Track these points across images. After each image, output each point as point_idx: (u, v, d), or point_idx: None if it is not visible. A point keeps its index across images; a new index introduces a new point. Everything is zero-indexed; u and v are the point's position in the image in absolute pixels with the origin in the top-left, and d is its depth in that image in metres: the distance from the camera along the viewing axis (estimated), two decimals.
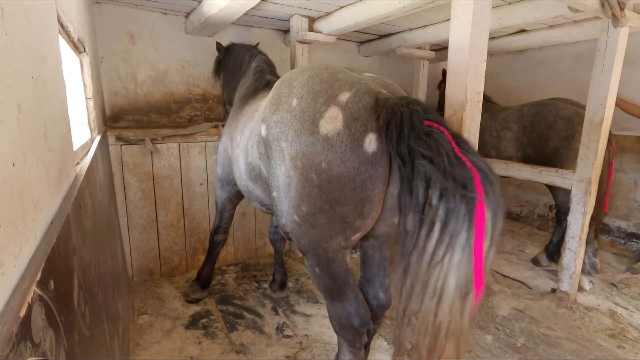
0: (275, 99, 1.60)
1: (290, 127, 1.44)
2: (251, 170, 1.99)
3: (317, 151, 1.36)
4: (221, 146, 2.67)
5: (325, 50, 4.47)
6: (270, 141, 1.56)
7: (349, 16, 3.04)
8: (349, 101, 1.38)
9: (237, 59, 2.96)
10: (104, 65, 3.28)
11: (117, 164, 2.99)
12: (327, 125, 1.36)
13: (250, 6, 2.65)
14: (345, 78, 1.49)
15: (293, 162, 1.43)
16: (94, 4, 3.14)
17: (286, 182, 1.51)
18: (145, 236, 3.21)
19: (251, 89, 2.59)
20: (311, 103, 1.42)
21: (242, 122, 2.18)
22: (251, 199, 2.26)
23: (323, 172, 1.37)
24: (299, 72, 1.63)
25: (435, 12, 3.23)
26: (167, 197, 3.25)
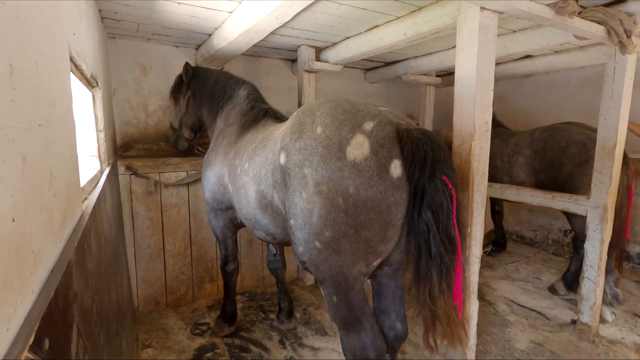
0: (297, 127, 1.64)
1: (315, 153, 1.49)
2: (262, 199, 1.97)
3: (344, 176, 1.43)
4: (211, 173, 2.61)
5: (332, 78, 4.54)
6: (290, 168, 1.59)
7: (355, 46, 3.10)
8: (374, 129, 1.49)
9: (217, 84, 2.87)
10: (117, 96, 3.37)
11: (126, 194, 3.01)
12: (354, 151, 1.45)
13: (258, 39, 2.71)
14: (366, 109, 1.59)
15: (317, 187, 1.48)
16: (109, 39, 3.27)
17: (307, 208, 1.53)
18: (151, 265, 3.19)
19: (249, 117, 2.58)
20: (337, 131, 1.50)
21: (249, 149, 2.18)
22: (256, 227, 2.23)
23: (350, 197, 1.43)
24: (320, 104, 1.70)
25: (440, 41, 3.28)
26: (174, 225, 3.24)
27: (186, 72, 2.96)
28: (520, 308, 3.45)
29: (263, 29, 2.41)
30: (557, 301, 3.56)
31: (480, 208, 1.92)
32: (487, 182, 1.95)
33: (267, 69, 4.15)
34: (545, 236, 4.93)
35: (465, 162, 1.88)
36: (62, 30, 1.15)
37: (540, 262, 4.57)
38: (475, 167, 1.86)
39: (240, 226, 2.73)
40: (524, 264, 4.53)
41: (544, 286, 3.86)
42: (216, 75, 2.93)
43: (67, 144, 1.09)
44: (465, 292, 1.94)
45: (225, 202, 2.55)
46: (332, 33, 3.06)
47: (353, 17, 2.65)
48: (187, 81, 2.98)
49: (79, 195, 1.22)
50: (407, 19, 2.49)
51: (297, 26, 2.87)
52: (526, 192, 3.21)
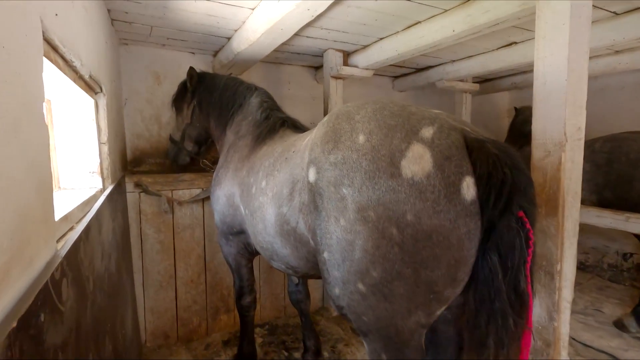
0: (331, 135, 1.32)
1: (358, 168, 1.19)
2: (283, 224, 1.62)
3: (399, 199, 1.12)
4: (221, 192, 2.26)
5: (358, 87, 4.20)
6: (322, 187, 1.28)
7: (390, 47, 2.75)
8: (435, 137, 1.16)
9: (226, 91, 2.54)
10: (128, 106, 3.10)
11: (134, 214, 2.69)
12: (412, 166, 1.12)
13: (283, 39, 2.40)
14: (419, 112, 1.27)
15: (362, 213, 1.17)
16: (121, 45, 3.02)
17: (347, 239, 1.21)
18: (161, 294, 2.84)
19: (264, 127, 2.23)
20: (386, 139, 1.19)
21: (266, 164, 1.84)
22: (274, 258, 1.87)
23: (408, 226, 1.11)
24: (359, 106, 1.38)
25: (484, 40, 2.90)
26: (187, 249, 2.90)
27: (190, 78, 2.62)
28: (586, 348, 2.93)
29: (291, 24, 2.08)
30: (628, 340, 3.02)
31: (572, 238, 1.50)
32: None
33: (288, 77, 3.85)
34: (599, 260, 4.38)
35: (552, 179, 1.47)
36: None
37: (596, 290, 4.02)
38: (566, 185, 1.45)
39: (257, 253, 2.35)
40: (576, 291, 3.98)
41: (607, 320, 3.33)
42: (225, 82, 2.60)
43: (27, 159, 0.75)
44: (554, 349, 1.50)
45: (236, 226, 2.20)
46: (364, 33, 2.73)
47: (392, 13, 2.31)
48: (192, 88, 2.64)
49: (49, 233, 0.87)
50: (458, 11, 2.13)
51: (326, 25, 2.54)
52: (591, 212, 2.74)
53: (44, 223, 0.83)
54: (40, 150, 0.85)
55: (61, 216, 1.08)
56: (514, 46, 2.96)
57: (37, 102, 0.84)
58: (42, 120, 0.88)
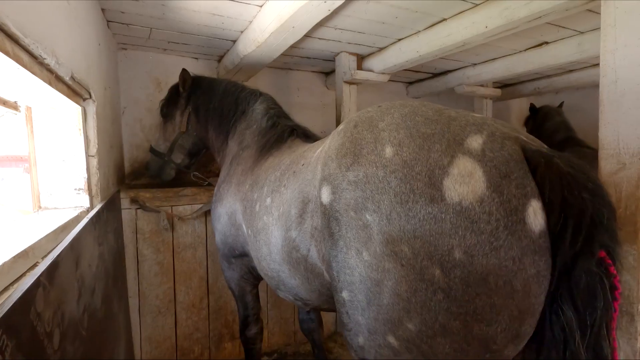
0: (349, 146, 1.09)
1: (386, 189, 0.96)
2: (292, 250, 1.38)
3: (444, 230, 0.87)
4: (222, 210, 2.02)
5: (370, 93, 3.96)
6: (339, 211, 1.05)
7: (410, 48, 2.51)
8: (486, 148, 0.91)
9: (226, 97, 2.29)
10: (127, 115, 2.89)
11: (130, 233, 2.45)
12: (459, 187, 0.88)
13: (294, 40, 2.17)
14: (461, 116, 1.02)
15: (392, 246, 0.93)
16: (119, 50, 2.82)
17: (373, 278, 0.98)
18: (160, 321, 2.57)
19: (270, 136, 1.99)
20: (421, 152, 0.95)
21: (272, 178, 1.60)
22: (280, 288, 1.62)
23: (456, 267, 0.86)
24: (382, 111, 1.13)
25: (511, 41, 2.65)
26: (188, 270, 2.64)
27: (183, 83, 2.36)
28: None
29: (303, 22, 1.86)
30: None
31: None
32: None
33: (298, 84, 3.63)
34: None
35: (628, 197, 1.20)
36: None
37: None
38: None
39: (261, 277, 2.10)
40: None
41: None
42: (225, 86, 2.35)
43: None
44: None
45: (239, 248, 1.96)
46: (381, 34, 2.50)
47: (415, 9, 2.07)
48: (185, 93, 2.38)
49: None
50: (492, 4, 1.89)
51: (341, 24, 2.31)
52: None
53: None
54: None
55: (17, 253, 0.83)
56: (545, 46, 2.71)
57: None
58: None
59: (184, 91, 2.38)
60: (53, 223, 1.25)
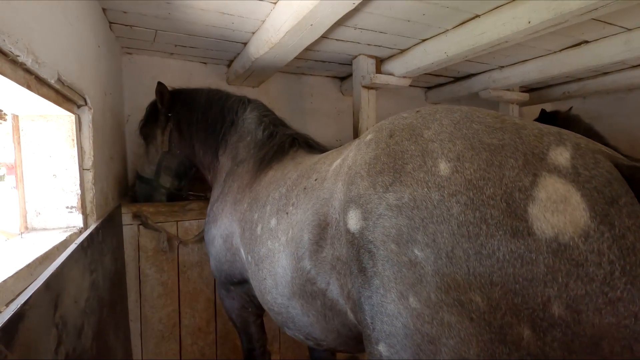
0: (386, 162, 0.89)
1: (445, 217, 0.74)
2: (306, 283, 1.16)
3: (536, 276, 0.65)
4: (216, 232, 1.79)
5: (386, 99, 3.75)
6: (373, 242, 0.84)
7: (437, 49, 2.29)
8: (578, 165, 0.70)
9: (211, 107, 2.06)
10: (131, 124, 2.72)
11: (132, 250, 2.25)
12: (552, 216, 0.66)
13: (309, 41, 1.98)
14: (528, 124, 0.80)
15: (455, 294, 0.71)
16: (123, 55, 2.67)
17: (424, 333, 0.75)
18: (163, 347, 2.36)
19: (269, 148, 1.77)
20: (490, 169, 0.73)
21: (276, 195, 1.38)
22: (289, 326, 1.37)
23: (555, 326, 0.64)
24: (424, 116, 0.92)
25: (548, 40, 2.42)
26: (194, 291, 2.43)
27: (161, 97, 2.13)
28: None
29: (324, 18, 1.66)
30: None
31: None
32: None
33: (311, 89, 3.44)
34: None
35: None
36: None
37: None
38: None
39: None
40: None
41: None
42: (207, 96, 2.12)
43: None
44: None
45: (236, 275, 1.74)
46: (404, 33, 2.29)
47: (445, 4, 1.86)
48: (164, 109, 2.16)
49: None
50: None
51: (362, 23, 2.11)
52: None
53: None
54: None
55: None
56: (584, 46, 2.46)
57: None
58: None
59: (163, 107, 2.16)
60: (33, 251, 1.06)
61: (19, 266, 0.89)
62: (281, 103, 3.27)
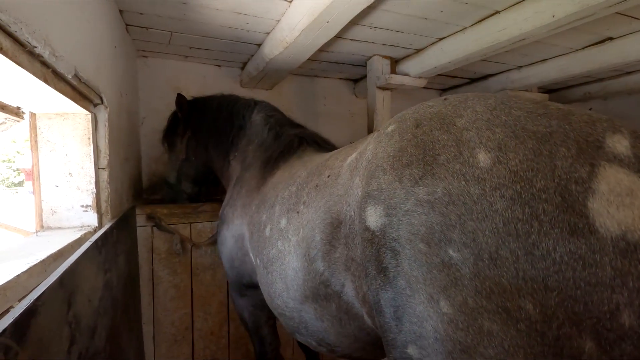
0: (414, 152, 0.82)
1: (487, 214, 0.67)
2: (319, 286, 1.11)
3: (601, 280, 0.58)
4: (228, 233, 1.78)
5: (401, 101, 3.70)
6: (397, 241, 0.78)
7: (455, 48, 2.24)
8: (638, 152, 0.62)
9: (220, 112, 2.11)
10: (145, 126, 2.73)
11: (145, 252, 2.24)
12: (617, 211, 0.59)
13: (325, 39, 1.96)
14: (573, 109, 0.73)
15: (499, 300, 0.64)
16: (139, 58, 2.69)
17: (457, 341, 0.68)
18: (175, 350, 2.33)
19: (275, 149, 1.75)
20: (539, 159, 0.66)
21: (285, 194, 1.34)
22: (300, 331, 1.31)
23: (625, 339, 0.57)
24: (454, 104, 0.85)
25: (569, 38, 2.35)
26: (207, 294, 2.40)
27: (181, 107, 2.21)
28: None
29: (340, 14, 1.63)
30: None
31: None
32: None
33: (324, 92, 3.41)
34: None
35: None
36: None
37: None
38: None
39: None
40: None
41: None
42: (218, 101, 2.18)
43: None
44: None
45: (246, 277, 1.71)
46: (421, 32, 2.25)
47: (464, 0, 1.81)
48: (183, 118, 2.22)
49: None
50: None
51: (378, 22, 2.08)
52: None
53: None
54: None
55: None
56: (609, 43, 2.38)
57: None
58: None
59: (182, 115, 2.22)
60: (47, 249, 1.04)
61: (33, 262, 0.86)
62: (294, 105, 3.25)
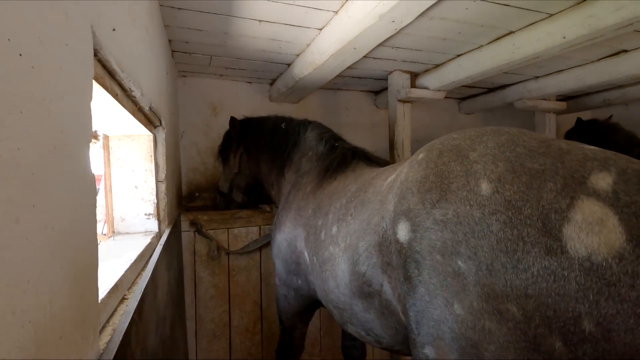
0: (434, 181, 0.97)
1: (485, 233, 0.82)
2: (363, 285, 1.28)
3: (567, 292, 0.71)
4: (281, 237, 1.96)
5: (420, 110, 3.85)
6: (420, 253, 0.95)
7: (472, 64, 2.39)
8: (620, 190, 0.73)
9: (276, 132, 2.34)
10: (184, 139, 2.99)
11: (188, 255, 2.48)
12: (586, 237, 0.71)
13: (352, 62, 2.15)
14: (574, 148, 0.85)
15: (494, 303, 0.80)
16: (179, 78, 2.96)
17: (468, 337, 0.84)
18: (215, 345, 2.55)
19: (331, 160, 1.93)
20: (529, 191, 0.81)
21: (337, 205, 1.52)
22: (352, 322, 1.49)
23: (586, 341, 0.70)
24: (471, 138, 1.00)
25: (584, 51, 2.45)
26: (243, 294, 2.62)
27: (233, 127, 2.49)
28: None
29: (367, 42, 1.82)
30: None
31: None
32: None
33: (346, 104, 3.60)
34: None
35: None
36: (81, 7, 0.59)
37: None
38: None
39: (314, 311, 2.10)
40: None
41: None
42: (273, 122, 2.41)
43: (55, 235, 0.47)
44: None
45: (301, 277, 1.87)
46: (440, 50, 2.41)
47: (481, 22, 1.97)
48: (236, 136, 2.51)
49: (85, 332, 0.58)
50: (571, 13, 1.74)
51: (399, 43, 2.26)
52: None
53: (81, 330, 0.55)
54: (80, 217, 0.58)
55: (110, 287, 0.82)
56: (623, 55, 2.47)
57: (79, 147, 0.58)
58: (87, 171, 0.61)
59: (234, 133, 2.50)
60: (131, 251, 1.26)
61: (129, 261, 1.08)
62: (319, 117, 3.44)
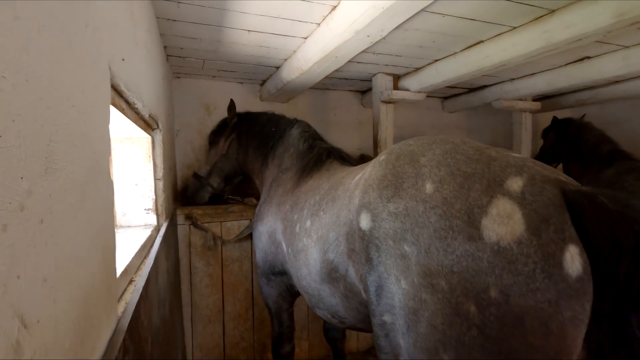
0: (390, 179, 1.16)
1: (425, 224, 1.01)
2: (331, 272, 1.47)
3: (481, 269, 0.91)
4: (263, 228, 2.15)
5: (406, 109, 4.04)
6: (379, 239, 1.12)
7: (447, 70, 2.58)
8: (527, 191, 0.93)
9: (268, 124, 2.51)
10: (179, 138, 3.15)
11: (184, 246, 2.66)
12: (497, 227, 0.91)
13: (335, 67, 2.32)
14: (502, 156, 1.05)
15: (429, 279, 0.98)
16: (173, 79, 3.10)
17: (410, 307, 1.03)
18: (209, 329, 2.75)
19: (309, 159, 2.11)
20: (461, 191, 0.99)
21: (312, 202, 1.71)
22: (319, 306, 1.70)
23: (491, 305, 0.90)
24: (424, 146, 1.19)
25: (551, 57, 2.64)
26: (235, 282, 2.81)
27: (229, 109, 2.64)
28: None
29: (347, 52, 1.99)
30: None
31: None
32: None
33: (334, 103, 3.78)
34: None
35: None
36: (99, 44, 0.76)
37: None
38: None
39: (298, 295, 2.23)
40: None
41: None
42: (268, 117, 2.60)
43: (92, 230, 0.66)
44: None
45: (278, 265, 2.07)
46: (419, 56, 2.59)
47: (453, 33, 2.15)
48: (231, 122, 2.66)
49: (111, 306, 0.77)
50: (530, 28, 1.93)
51: (380, 49, 2.43)
52: None
53: (107, 297, 0.73)
54: (106, 213, 0.77)
55: (122, 270, 1.00)
56: (587, 61, 2.67)
57: (103, 161, 0.77)
58: (108, 178, 0.80)
59: (231, 119, 2.63)
60: (134, 241, 1.44)
61: (133, 250, 1.26)
62: (308, 116, 3.63)
